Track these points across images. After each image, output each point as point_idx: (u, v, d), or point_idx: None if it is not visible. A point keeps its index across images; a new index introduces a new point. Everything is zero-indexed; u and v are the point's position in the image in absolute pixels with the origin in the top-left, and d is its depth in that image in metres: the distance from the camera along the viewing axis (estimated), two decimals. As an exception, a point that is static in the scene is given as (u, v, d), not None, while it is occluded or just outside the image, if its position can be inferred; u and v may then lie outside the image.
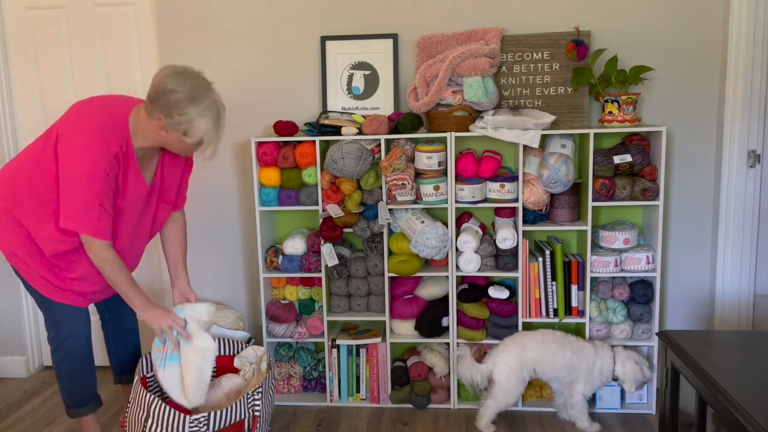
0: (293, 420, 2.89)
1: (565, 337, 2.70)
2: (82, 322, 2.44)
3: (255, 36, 3.08)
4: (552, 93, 2.90)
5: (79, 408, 2.50)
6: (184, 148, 2.23)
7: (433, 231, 2.74)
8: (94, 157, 2.13)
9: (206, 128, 2.16)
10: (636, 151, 2.74)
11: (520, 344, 2.69)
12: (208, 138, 2.18)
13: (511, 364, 2.66)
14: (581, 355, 2.65)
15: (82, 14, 3.19)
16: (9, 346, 3.43)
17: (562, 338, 2.69)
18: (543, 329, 2.75)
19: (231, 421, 2.27)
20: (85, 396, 2.51)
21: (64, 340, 2.42)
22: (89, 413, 2.53)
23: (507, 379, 2.65)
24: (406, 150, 2.81)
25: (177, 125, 2.14)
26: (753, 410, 1.65)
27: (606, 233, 2.81)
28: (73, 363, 2.45)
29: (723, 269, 2.94)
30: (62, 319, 2.40)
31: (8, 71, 3.28)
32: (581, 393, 2.66)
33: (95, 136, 2.14)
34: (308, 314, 3.05)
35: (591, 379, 2.65)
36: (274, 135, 2.91)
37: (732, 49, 2.80)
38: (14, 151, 3.32)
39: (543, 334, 2.71)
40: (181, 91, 2.10)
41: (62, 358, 2.44)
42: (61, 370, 2.46)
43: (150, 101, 2.15)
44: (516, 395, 2.72)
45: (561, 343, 2.66)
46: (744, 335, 2.32)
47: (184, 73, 2.15)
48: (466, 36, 2.89)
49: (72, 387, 2.48)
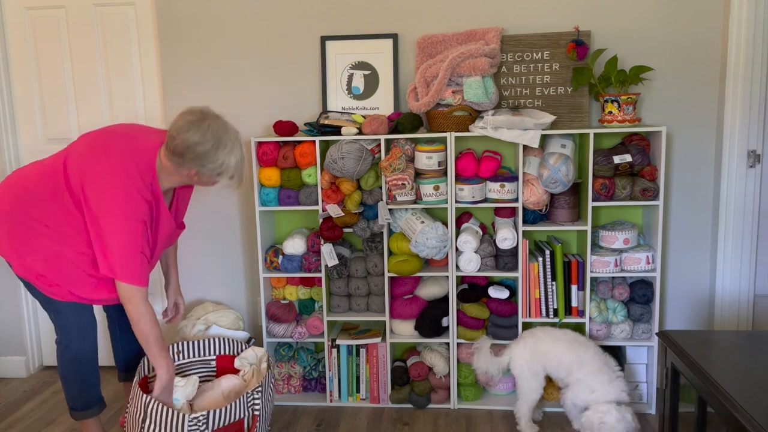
0: (293, 420, 2.89)
1: (581, 344, 2.62)
2: (89, 326, 2.45)
3: (255, 36, 3.08)
4: (552, 93, 2.90)
5: (83, 411, 2.51)
6: (214, 183, 2.26)
7: (433, 231, 2.74)
8: (132, 207, 2.15)
9: (236, 163, 2.21)
10: (636, 151, 2.74)
11: (536, 337, 2.68)
12: (238, 171, 2.23)
13: (525, 356, 2.66)
14: (584, 367, 2.57)
15: (82, 14, 3.19)
16: (9, 346, 3.43)
17: (576, 342, 2.62)
18: (568, 330, 2.70)
19: (230, 420, 2.27)
20: (90, 399, 2.52)
21: (70, 343, 2.42)
22: (93, 416, 2.53)
23: (521, 373, 2.66)
24: (406, 150, 2.81)
25: (211, 171, 2.18)
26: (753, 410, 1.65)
27: (606, 233, 2.81)
28: (80, 367, 2.46)
29: (723, 269, 2.94)
30: (71, 322, 2.41)
31: (8, 71, 3.28)
32: (570, 398, 2.61)
33: (126, 183, 2.15)
34: (308, 314, 3.05)
35: (578, 392, 2.58)
36: (274, 135, 2.91)
37: (732, 49, 2.80)
38: (14, 151, 3.32)
39: (564, 333, 2.66)
40: (206, 141, 2.13)
41: (69, 362, 2.45)
42: (68, 374, 2.46)
43: (177, 156, 2.16)
44: (536, 389, 2.67)
45: (572, 345, 2.61)
46: (744, 335, 2.31)
47: (202, 119, 2.15)
48: (466, 36, 2.89)
49: (77, 390, 2.49)
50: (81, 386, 2.48)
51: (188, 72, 3.13)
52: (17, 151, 3.34)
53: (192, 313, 3.04)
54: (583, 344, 2.63)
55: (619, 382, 2.53)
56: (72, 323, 2.40)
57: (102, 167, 2.18)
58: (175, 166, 2.20)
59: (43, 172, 2.31)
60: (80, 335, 2.42)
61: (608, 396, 2.49)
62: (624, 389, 2.52)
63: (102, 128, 2.36)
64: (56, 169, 2.27)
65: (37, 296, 2.38)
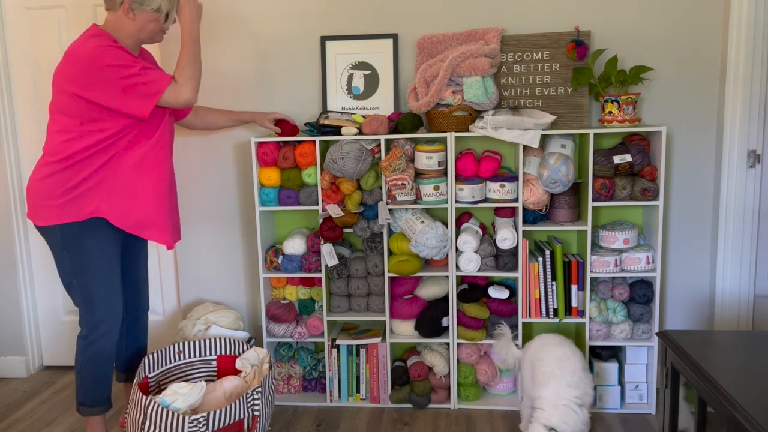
0: (293, 420, 2.89)
1: (567, 352, 2.48)
2: (117, 325, 2.51)
3: (255, 36, 3.08)
4: (552, 93, 2.90)
5: (92, 407, 2.54)
6: (155, 26, 2.43)
7: (433, 231, 2.74)
8: (111, 48, 2.33)
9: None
10: (636, 151, 2.74)
11: (544, 338, 2.61)
12: (165, 3, 2.40)
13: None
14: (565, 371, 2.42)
15: (82, 14, 3.19)
16: (9, 346, 3.43)
17: (562, 348, 2.51)
18: (566, 341, 2.58)
19: (230, 421, 2.27)
20: (102, 397, 2.55)
21: (96, 340, 2.47)
22: (100, 414, 2.56)
23: (526, 372, 2.60)
24: (406, 150, 2.81)
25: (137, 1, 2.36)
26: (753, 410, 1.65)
27: (606, 233, 2.81)
28: (99, 364, 2.50)
29: (723, 269, 2.94)
30: (101, 319, 2.46)
31: (8, 71, 3.28)
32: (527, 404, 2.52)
33: (98, 40, 2.35)
34: (308, 314, 3.05)
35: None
36: (274, 135, 2.91)
37: (732, 49, 2.80)
38: (14, 151, 3.32)
39: (560, 341, 2.56)
40: None
41: (90, 358, 2.49)
42: (86, 370, 2.50)
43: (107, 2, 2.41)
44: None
45: (560, 346, 2.53)
46: (744, 335, 2.31)
47: None
48: (466, 36, 2.89)
49: (91, 387, 2.52)
50: (96, 383, 2.52)
51: (188, 72, 3.13)
52: (17, 151, 3.33)
53: (192, 313, 3.05)
54: (570, 355, 2.47)
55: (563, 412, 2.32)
56: (101, 320, 2.46)
57: (71, 57, 2.36)
58: (112, 15, 2.40)
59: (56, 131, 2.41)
60: (108, 333, 2.48)
61: (544, 420, 2.31)
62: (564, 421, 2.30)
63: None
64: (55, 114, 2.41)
65: (79, 279, 2.45)
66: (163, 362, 2.67)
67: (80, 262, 2.42)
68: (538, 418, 2.33)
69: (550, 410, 2.31)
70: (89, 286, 2.44)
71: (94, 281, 2.44)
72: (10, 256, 3.36)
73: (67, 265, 2.43)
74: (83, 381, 2.52)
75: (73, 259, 2.42)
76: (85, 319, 2.47)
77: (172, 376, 2.70)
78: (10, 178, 3.31)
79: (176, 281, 3.34)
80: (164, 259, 3.32)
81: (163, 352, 2.67)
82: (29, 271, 3.42)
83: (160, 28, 2.46)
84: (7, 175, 3.30)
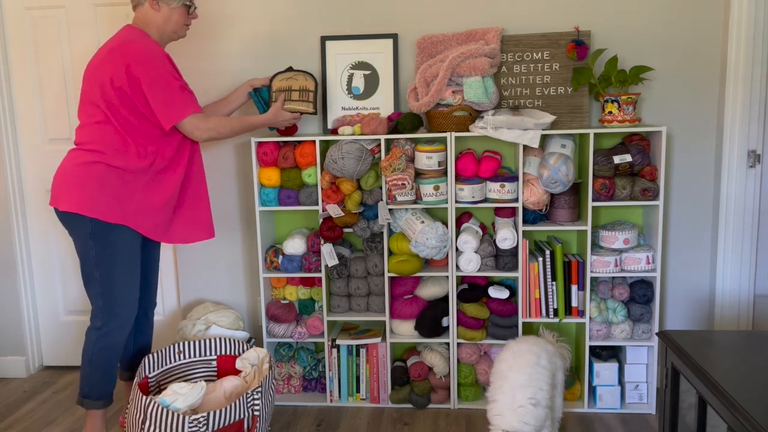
0: (293, 420, 2.89)
1: (522, 348, 2.43)
2: (132, 318, 2.54)
3: (255, 36, 3.08)
4: (552, 93, 2.90)
5: (96, 400, 2.54)
6: (179, 18, 2.54)
7: (433, 231, 2.74)
8: (159, 55, 2.47)
9: None
10: (636, 151, 2.74)
11: (512, 340, 2.55)
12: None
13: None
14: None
15: (82, 14, 3.19)
16: (9, 346, 3.43)
17: (518, 344, 2.46)
18: (526, 337, 2.55)
19: (230, 421, 2.27)
20: (106, 390, 2.56)
21: (111, 331, 2.49)
22: (102, 407, 2.57)
23: None
24: (406, 150, 2.81)
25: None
26: (753, 410, 1.65)
27: (606, 233, 2.81)
28: (109, 356, 2.52)
29: (723, 269, 2.94)
30: (119, 312, 2.49)
31: (8, 71, 3.28)
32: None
33: (150, 42, 2.49)
34: (308, 314, 3.05)
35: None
36: (274, 135, 2.91)
37: (732, 49, 2.80)
38: (15, 151, 3.32)
39: (522, 339, 2.53)
40: None
41: (102, 349, 2.50)
42: (95, 361, 2.51)
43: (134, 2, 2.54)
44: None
45: (516, 343, 2.48)
46: (744, 335, 2.31)
47: None
48: (466, 36, 2.89)
49: (97, 379, 2.53)
50: (103, 376, 2.53)
51: (188, 72, 3.12)
52: (17, 151, 3.34)
53: (192, 313, 3.05)
54: (541, 354, 2.41)
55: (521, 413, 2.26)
56: (117, 313, 2.48)
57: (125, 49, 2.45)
58: (141, 13, 2.52)
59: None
60: (122, 326, 2.50)
61: (506, 425, 2.26)
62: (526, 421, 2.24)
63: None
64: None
65: (102, 266, 2.47)
66: (163, 362, 2.67)
67: (106, 253, 2.44)
68: (498, 424, 2.26)
69: (509, 415, 2.26)
70: (112, 277, 2.46)
71: (117, 273, 2.46)
72: (10, 256, 3.36)
73: (91, 256, 2.45)
74: (91, 372, 2.52)
75: (100, 250, 2.44)
76: (102, 310, 2.48)
77: (172, 376, 2.70)
78: (10, 178, 3.31)
79: (176, 281, 3.34)
80: (164, 259, 3.31)
81: (163, 352, 2.67)
82: (29, 271, 3.42)
83: (184, 21, 2.57)
84: (7, 175, 3.30)
